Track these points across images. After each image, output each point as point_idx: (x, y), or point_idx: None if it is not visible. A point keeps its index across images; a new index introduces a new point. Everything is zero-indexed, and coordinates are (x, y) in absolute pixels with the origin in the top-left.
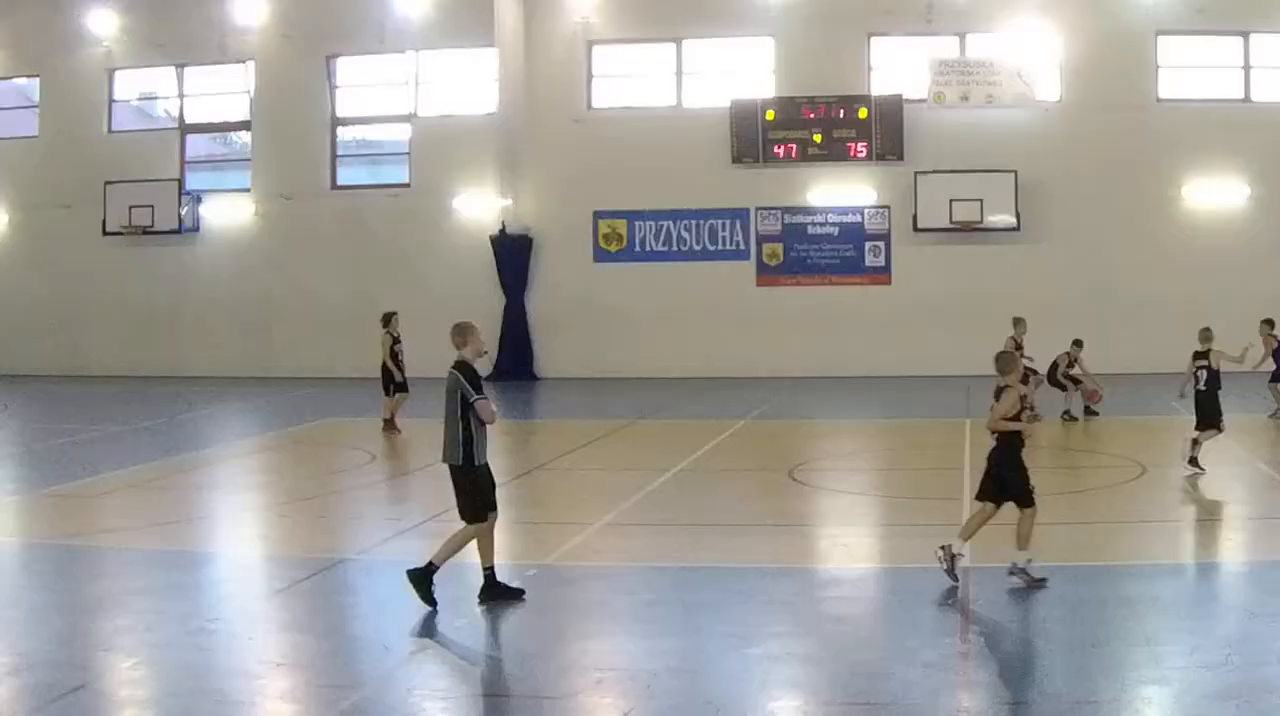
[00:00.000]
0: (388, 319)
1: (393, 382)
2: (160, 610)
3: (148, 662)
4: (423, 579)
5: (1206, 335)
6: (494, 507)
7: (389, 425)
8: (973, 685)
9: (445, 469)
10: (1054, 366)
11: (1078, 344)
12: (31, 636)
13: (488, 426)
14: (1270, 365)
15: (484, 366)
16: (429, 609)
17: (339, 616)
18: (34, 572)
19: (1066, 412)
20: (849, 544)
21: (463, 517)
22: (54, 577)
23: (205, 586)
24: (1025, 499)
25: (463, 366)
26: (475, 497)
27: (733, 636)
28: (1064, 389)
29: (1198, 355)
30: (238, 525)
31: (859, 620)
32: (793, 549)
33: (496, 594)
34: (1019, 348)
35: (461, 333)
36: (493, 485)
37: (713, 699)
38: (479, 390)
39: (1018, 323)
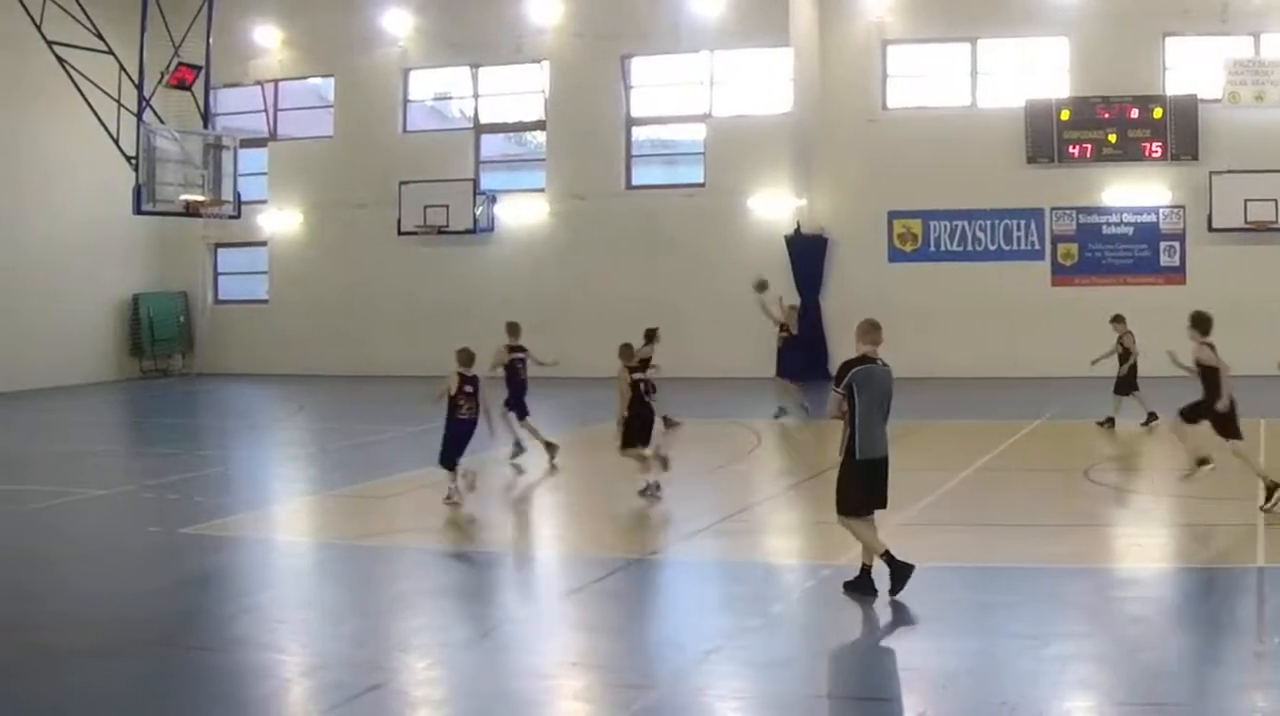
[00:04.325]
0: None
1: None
2: (454, 610)
3: (442, 663)
4: (864, 582)
5: None
6: None
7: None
8: (1268, 685)
9: (741, 469)
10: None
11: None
12: (328, 636)
13: None
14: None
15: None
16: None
17: (632, 616)
18: (330, 573)
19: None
20: (1144, 543)
21: (885, 507)
22: (349, 578)
23: (499, 586)
24: None
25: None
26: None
27: (1027, 636)
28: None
29: None
30: (531, 525)
31: (1153, 620)
32: (1087, 549)
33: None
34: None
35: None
36: None
37: (1007, 699)
38: None
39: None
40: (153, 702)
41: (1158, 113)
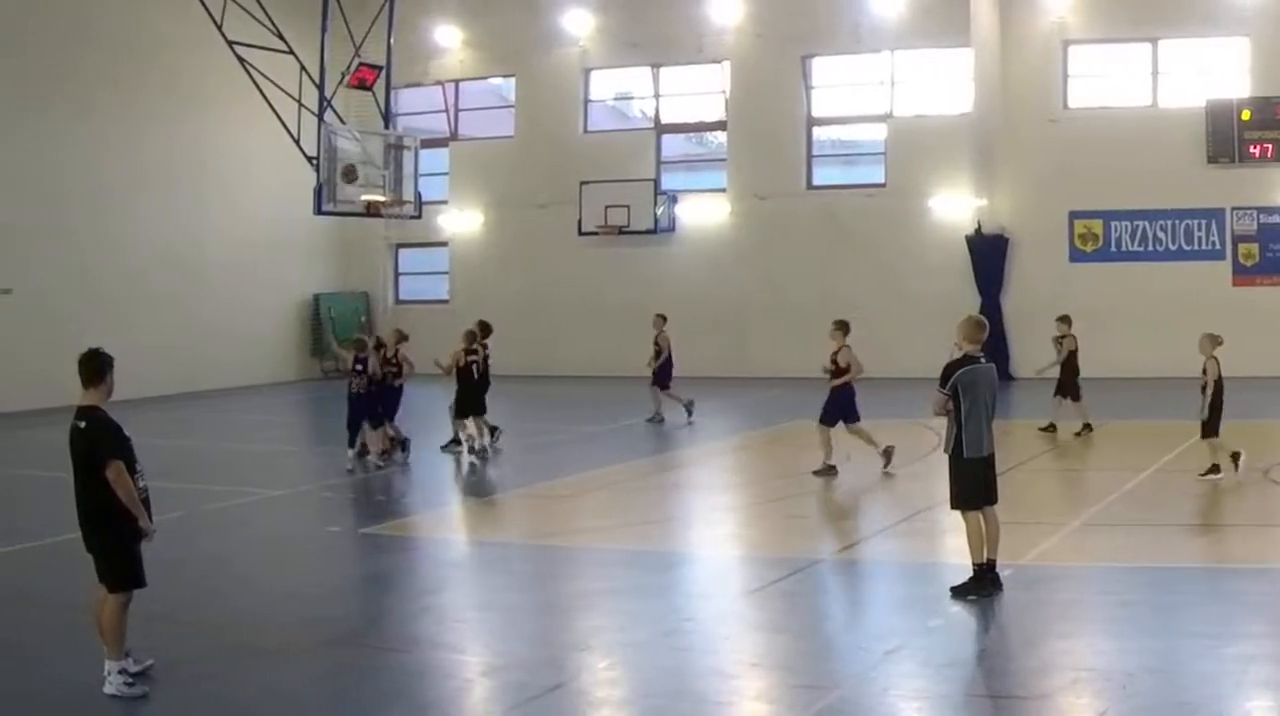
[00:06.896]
0: None
1: None
2: (635, 610)
3: (623, 662)
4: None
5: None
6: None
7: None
8: None
9: (921, 470)
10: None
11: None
12: (509, 636)
13: None
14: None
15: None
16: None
17: (813, 616)
18: (511, 573)
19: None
20: None
21: (995, 502)
22: (530, 578)
23: (679, 586)
24: None
25: None
26: None
27: (1208, 636)
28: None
29: None
30: (711, 525)
31: None
32: (1269, 548)
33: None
34: None
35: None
36: None
37: (1188, 699)
38: None
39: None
40: (337, 701)
41: None
